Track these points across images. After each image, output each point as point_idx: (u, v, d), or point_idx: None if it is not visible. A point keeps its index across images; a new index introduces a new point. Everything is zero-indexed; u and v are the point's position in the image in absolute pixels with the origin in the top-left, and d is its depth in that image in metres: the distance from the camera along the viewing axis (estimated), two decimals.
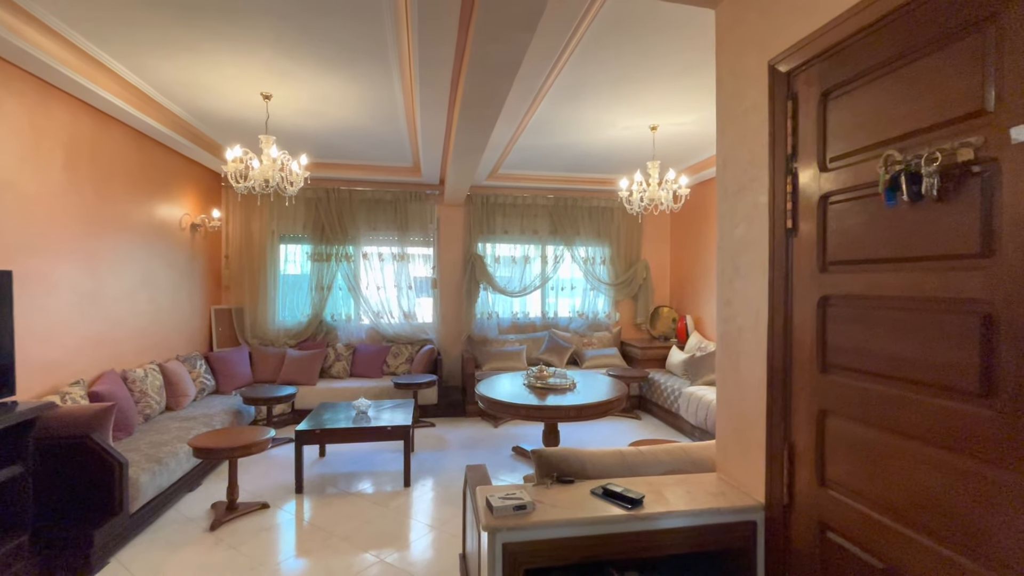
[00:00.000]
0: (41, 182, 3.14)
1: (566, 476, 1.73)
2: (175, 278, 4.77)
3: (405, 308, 6.09)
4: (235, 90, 3.54)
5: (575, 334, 6.36)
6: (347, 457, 4.29)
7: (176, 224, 4.78)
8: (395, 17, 2.58)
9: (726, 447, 1.76)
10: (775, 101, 1.49)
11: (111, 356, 3.81)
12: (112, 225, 3.82)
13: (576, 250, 6.43)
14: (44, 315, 3.14)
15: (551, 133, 4.47)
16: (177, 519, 3.19)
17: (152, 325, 4.38)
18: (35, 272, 3.08)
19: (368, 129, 4.39)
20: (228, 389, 4.95)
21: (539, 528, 1.44)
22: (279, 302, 5.87)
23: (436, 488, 3.68)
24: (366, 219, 5.98)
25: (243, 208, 5.71)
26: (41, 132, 3.12)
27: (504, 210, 6.29)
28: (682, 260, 6.53)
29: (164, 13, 2.59)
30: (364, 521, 3.17)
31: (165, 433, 3.60)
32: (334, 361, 5.66)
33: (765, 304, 1.54)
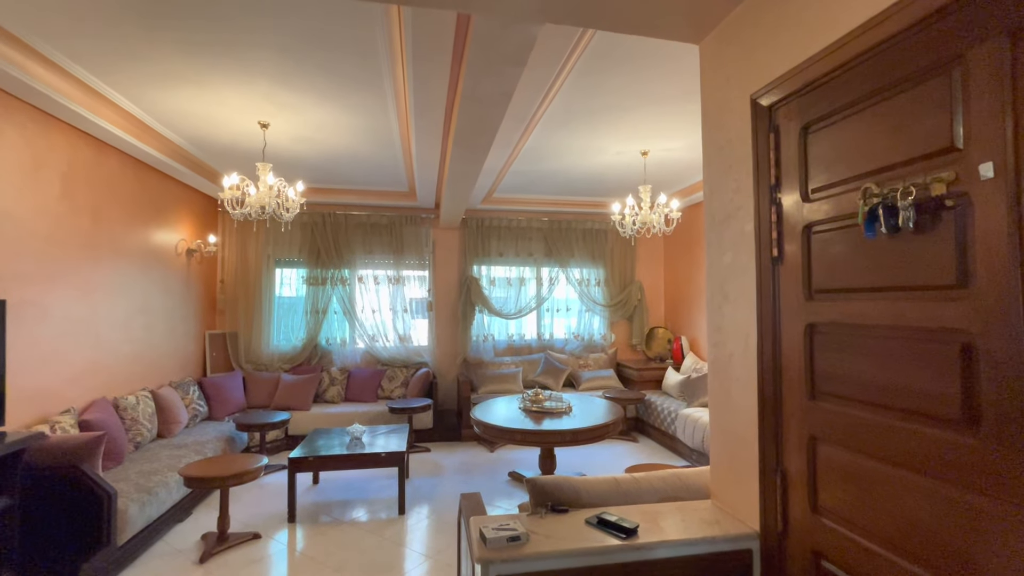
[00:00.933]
0: (38, 211, 3.16)
1: (560, 505, 1.72)
2: (170, 304, 4.77)
3: (400, 331, 6.08)
4: (233, 119, 3.60)
5: (571, 356, 6.36)
6: (341, 484, 4.23)
7: (172, 250, 4.79)
8: (390, 50, 2.66)
9: (720, 473, 1.76)
10: (758, 133, 1.54)
11: (103, 383, 3.78)
12: (108, 251, 3.83)
13: (571, 272, 6.47)
14: (36, 344, 3.13)
15: (544, 159, 4.55)
16: (166, 551, 3.12)
17: (146, 351, 4.36)
18: (29, 300, 3.08)
19: (364, 155, 4.46)
20: (221, 415, 4.90)
21: (533, 560, 1.43)
22: (274, 326, 5.85)
23: (431, 515, 3.62)
24: (362, 243, 6.02)
25: (239, 233, 5.74)
26: (40, 162, 3.16)
27: (499, 233, 6.35)
28: (675, 281, 6.58)
29: (166, 47, 2.65)
30: (358, 551, 3.11)
31: (156, 462, 3.55)
32: (328, 385, 5.62)
33: (754, 330, 1.57)
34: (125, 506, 2.88)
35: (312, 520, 3.56)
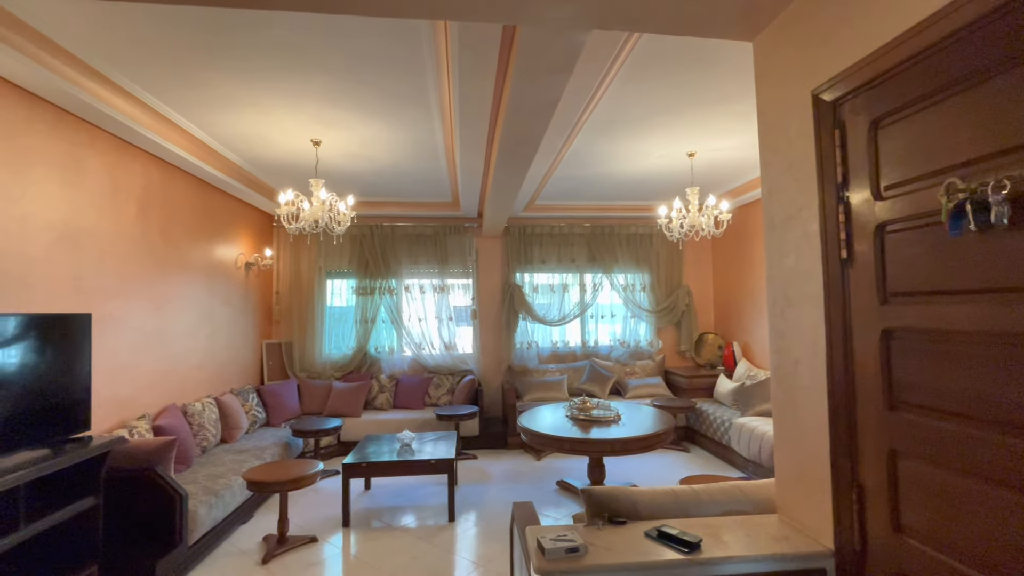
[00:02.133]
0: (117, 231, 3.41)
1: (618, 517, 1.68)
2: (231, 315, 5.03)
3: (445, 339, 6.16)
4: (287, 138, 3.78)
5: (617, 363, 6.25)
6: (392, 490, 4.31)
7: (232, 264, 5.06)
8: (436, 65, 2.72)
9: (787, 487, 1.67)
10: (821, 130, 1.47)
11: (172, 390, 4.02)
12: (176, 267, 4.09)
13: (615, 277, 6.38)
14: (115, 354, 3.37)
15: (587, 165, 4.52)
16: (231, 551, 3.27)
17: (209, 360, 4.61)
18: (109, 314, 3.32)
19: (409, 168, 4.58)
20: (278, 421, 5.11)
21: (592, 572, 1.40)
22: (326, 336, 6.07)
23: (480, 523, 3.63)
24: (407, 253, 6.16)
25: (292, 246, 6.00)
26: (118, 185, 3.42)
27: (541, 240, 6.34)
28: (726, 285, 6.36)
29: (229, 74, 2.82)
30: (410, 557, 3.16)
31: (220, 465, 3.73)
32: (378, 393, 5.76)
33: (822, 336, 1.49)
34: (195, 507, 3.04)
35: (365, 525, 3.64)
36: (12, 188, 2.62)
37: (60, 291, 2.93)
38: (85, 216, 3.12)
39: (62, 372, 2.52)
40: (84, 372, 2.66)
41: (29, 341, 2.35)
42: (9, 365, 2.25)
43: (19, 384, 2.29)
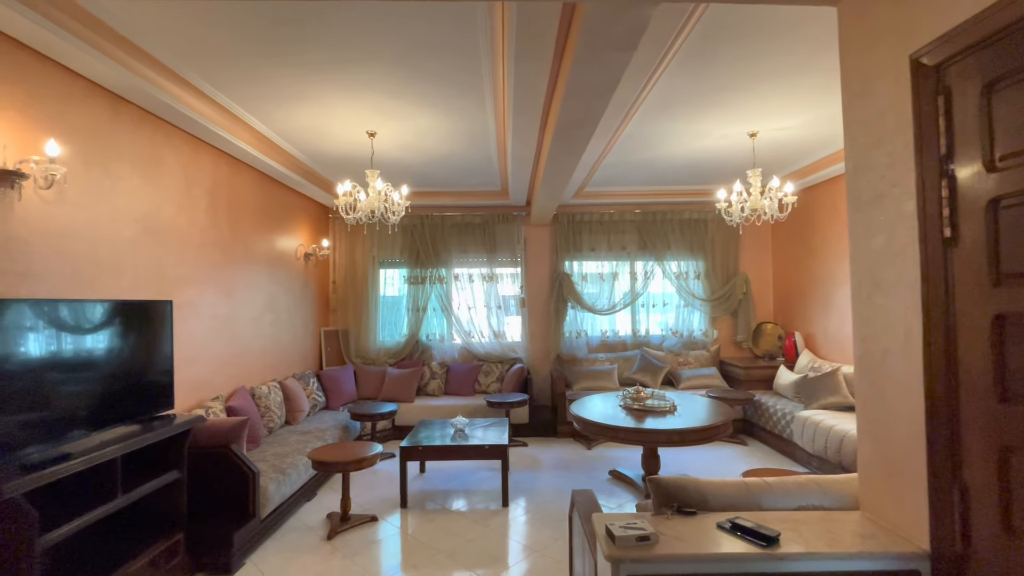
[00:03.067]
0: (191, 223, 3.62)
1: (686, 507, 1.64)
2: (291, 303, 5.26)
3: (495, 327, 6.21)
4: (345, 130, 3.88)
5: (669, 353, 6.10)
6: (445, 473, 4.41)
7: (292, 254, 5.28)
8: (491, 50, 2.70)
9: (872, 484, 1.57)
10: (921, 98, 1.35)
11: (241, 374, 4.26)
12: (242, 257, 4.31)
13: (667, 265, 6.21)
14: (191, 339, 3.59)
15: (640, 148, 4.39)
16: (298, 527, 3.44)
17: (273, 346, 4.85)
18: (186, 301, 3.54)
19: (460, 157, 4.60)
20: (336, 405, 5.32)
21: (664, 562, 1.37)
22: (379, 323, 6.25)
23: (533, 510, 3.65)
24: (457, 242, 6.23)
25: (348, 237, 6.19)
26: (191, 180, 3.62)
27: (591, 227, 6.25)
28: (787, 272, 6.05)
29: (291, 69, 2.91)
30: (466, 539, 3.22)
31: (286, 445, 3.93)
32: (429, 379, 5.89)
33: (918, 322, 1.38)
34: (266, 484, 3.22)
35: (421, 507, 3.74)
36: (103, 184, 2.82)
37: (145, 279, 3.14)
38: (163, 210, 3.33)
39: (149, 354, 2.72)
40: (167, 354, 2.85)
41: (122, 325, 2.54)
42: (105, 347, 2.44)
43: (114, 364, 2.48)
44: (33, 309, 2.09)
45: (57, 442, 2.12)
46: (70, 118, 2.61)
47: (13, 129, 2.30)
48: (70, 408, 2.22)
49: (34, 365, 2.07)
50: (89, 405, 2.32)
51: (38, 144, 2.40)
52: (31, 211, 2.40)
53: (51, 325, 2.16)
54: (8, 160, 2.25)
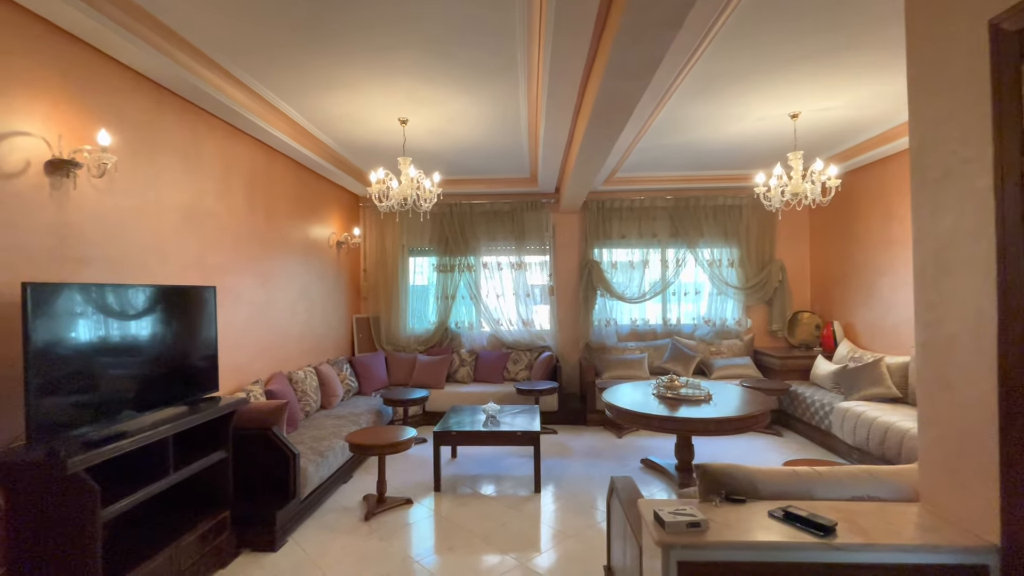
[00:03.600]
0: (230, 211, 3.70)
1: (735, 494, 1.61)
2: (325, 290, 5.35)
3: (523, 315, 6.20)
4: (377, 118, 3.89)
5: (701, 342, 5.99)
6: (476, 459, 4.45)
7: (325, 242, 5.37)
8: (527, 31, 2.65)
9: (935, 475, 1.51)
10: (1001, 66, 1.26)
11: (278, 359, 4.37)
12: (278, 245, 4.40)
13: (700, 252, 6.07)
14: (232, 324, 3.69)
15: (675, 132, 4.28)
16: (335, 507, 3.53)
17: (308, 332, 4.95)
18: (227, 288, 3.64)
19: (490, 144, 4.57)
20: (369, 390, 5.42)
21: (717, 548, 1.35)
22: (409, 311, 6.31)
23: (565, 496, 3.66)
24: (485, 230, 6.22)
25: (378, 225, 6.25)
26: (230, 169, 3.69)
27: (621, 214, 6.15)
28: (825, 260, 5.86)
29: (326, 57, 2.93)
30: (500, 523, 3.25)
31: (323, 429, 4.02)
32: (459, 366, 5.93)
33: (991, 306, 1.30)
34: (305, 465, 3.30)
35: (454, 491, 3.78)
36: (148, 173, 2.90)
37: (188, 266, 3.24)
38: (204, 198, 3.41)
39: (195, 337, 2.80)
40: (212, 338, 2.94)
41: (170, 310, 2.62)
42: (156, 330, 2.52)
43: (163, 347, 2.56)
44: (93, 293, 2.17)
45: (111, 422, 2.21)
46: (118, 109, 2.68)
47: (67, 120, 2.38)
48: (122, 389, 2.31)
49: (91, 348, 2.15)
50: (140, 387, 2.41)
51: (90, 134, 2.48)
52: (85, 200, 2.48)
53: (106, 309, 2.24)
54: (64, 150, 2.33)
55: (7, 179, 2.12)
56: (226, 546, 2.79)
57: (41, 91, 2.27)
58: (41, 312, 1.92)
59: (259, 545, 2.93)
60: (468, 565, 2.77)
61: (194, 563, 2.54)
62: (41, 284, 1.93)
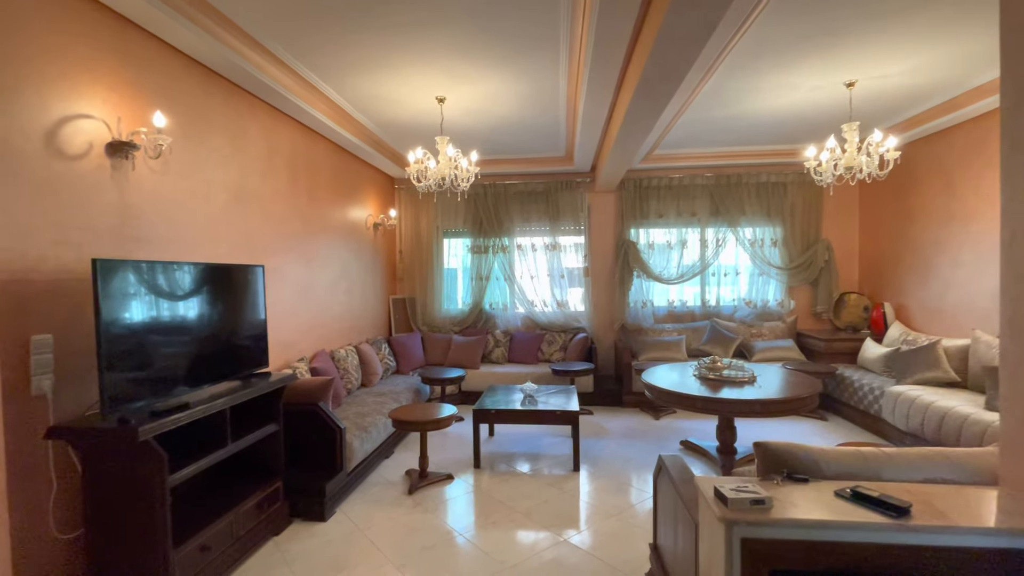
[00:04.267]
0: (274, 192, 3.78)
1: (797, 473, 1.56)
2: (363, 271, 5.44)
3: (558, 296, 6.17)
4: (415, 97, 3.87)
5: (741, 324, 5.84)
6: (514, 438, 4.49)
7: (363, 224, 5.43)
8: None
9: (1018, 457, 1.43)
10: None
11: (321, 338, 4.48)
12: (319, 226, 4.47)
13: (741, 232, 5.88)
14: (279, 303, 3.80)
15: (721, 104, 4.12)
16: (379, 481, 3.63)
17: (348, 312, 5.06)
18: (273, 268, 3.73)
19: (527, 121, 4.51)
20: (407, 369, 5.52)
21: (784, 527, 1.31)
22: (444, 292, 6.37)
23: (604, 476, 3.65)
24: (520, 211, 6.18)
25: (413, 207, 6.29)
26: (273, 151, 3.76)
27: (659, 193, 6.00)
28: (877, 238, 5.59)
29: (365, 34, 2.92)
30: (542, 500, 3.28)
31: (365, 406, 4.12)
32: (494, 347, 5.97)
33: None
34: (350, 440, 3.40)
35: (493, 468, 3.83)
36: (199, 154, 2.98)
37: (237, 246, 3.33)
38: (250, 179, 3.48)
39: (246, 315, 2.89)
40: (261, 316, 3.03)
41: (223, 287, 2.71)
42: (210, 308, 2.61)
43: (216, 324, 2.65)
44: (154, 270, 2.25)
45: (170, 396, 2.30)
46: (170, 92, 2.75)
47: (125, 103, 2.45)
48: (180, 364, 2.40)
49: (152, 322, 2.24)
50: (196, 362, 2.50)
51: (146, 117, 2.55)
52: (143, 181, 2.57)
53: (165, 286, 2.33)
54: (123, 132, 2.41)
55: (73, 161, 2.21)
56: (280, 515, 2.91)
57: (101, 75, 2.33)
58: (109, 287, 2.00)
59: (310, 515, 3.04)
60: (511, 539, 2.81)
61: (251, 529, 2.65)
62: (109, 260, 2.01)
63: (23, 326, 2.00)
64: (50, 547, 2.10)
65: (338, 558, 2.64)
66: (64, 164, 2.17)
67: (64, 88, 2.16)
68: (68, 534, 2.16)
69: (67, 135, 2.18)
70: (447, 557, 2.64)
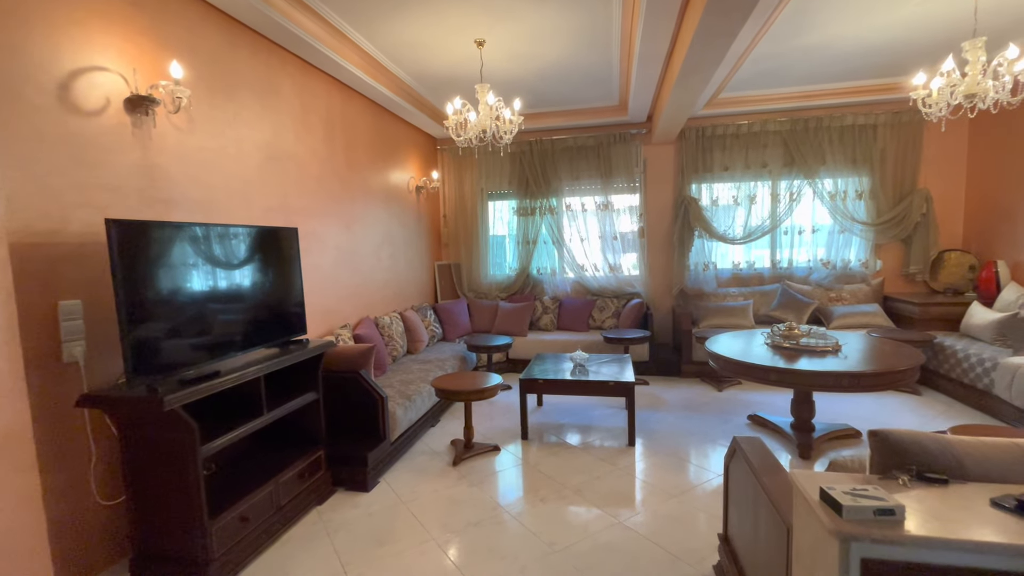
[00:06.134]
0: (310, 153, 3.61)
1: (930, 472, 1.21)
2: (407, 236, 5.28)
3: (610, 260, 5.78)
4: (451, 40, 3.54)
5: (817, 287, 5.25)
6: (563, 408, 4.26)
7: (405, 187, 5.23)
8: None
9: None
10: None
11: (364, 304, 4.38)
12: (360, 189, 4.30)
13: (820, 183, 5.21)
14: (319, 268, 3.68)
15: (802, 31, 3.51)
16: (424, 451, 3.52)
17: (392, 278, 4.93)
18: (311, 232, 3.60)
19: (576, 65, 4.07)
20: (452, 337, 5.38)
21: (928, 547, 0.98)
22: (490, 257, 6.13)
23: (662, 452, 3.36)
24: (568, 168, 5.77)
25: (456, 169, 6.02)
26: (307, 109, 3.57)
27: (723, 142, 5.39)
28: (990, 186, 4.78)
29: None
30: (594, 476, 3.04)
31: (410, 373, 4.00)
32: (542, 314, 5.71)
33: None
34: (394, 409, 3.28)
35: (541, 440, 3.63)
36: (227, 111, 2.82)
37: (272, 209, 3.20)
38: (284, 139, 3.32)
39: (280, 279, 2.76)
40: (298, 281, 2.89)
41: (258, 250, 2.57)
42: (241, 271, 2.48)
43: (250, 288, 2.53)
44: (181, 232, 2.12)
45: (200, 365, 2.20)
46: (190, 43, 2.57)
47: (141, 53, 2.29)
48: (210, 330, 2.30)
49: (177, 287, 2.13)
50: (229, 328, 2.39)
51: (163, 68, 2.39)
52: (167, 140, 2.43)
53: (192, 248, 2.20)
54: (140, 85, 2.26)
55: (90, 117, 2.08)
56: (322, 484, 2.84)
57: (114, 23, 2.17)
58: (128, 250, 1.88)
59: (353, 485, 2.97)
60: (561, 518, 2.60)
61: (293, 499, 2.59)
62: (125, 221, 1.87)
63: (50, 291, 1.93)
64: (94, 513, 2.08)
65: (380, 532, 2.53)
66: (81, 120, 2.04)
67: (76, 35, 2.01)
68: (111, 500, 2.15)
69: (82, 89, 2.04)
70: (492, 535, 2.47)
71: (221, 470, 2.53)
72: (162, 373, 1.99)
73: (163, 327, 2.01)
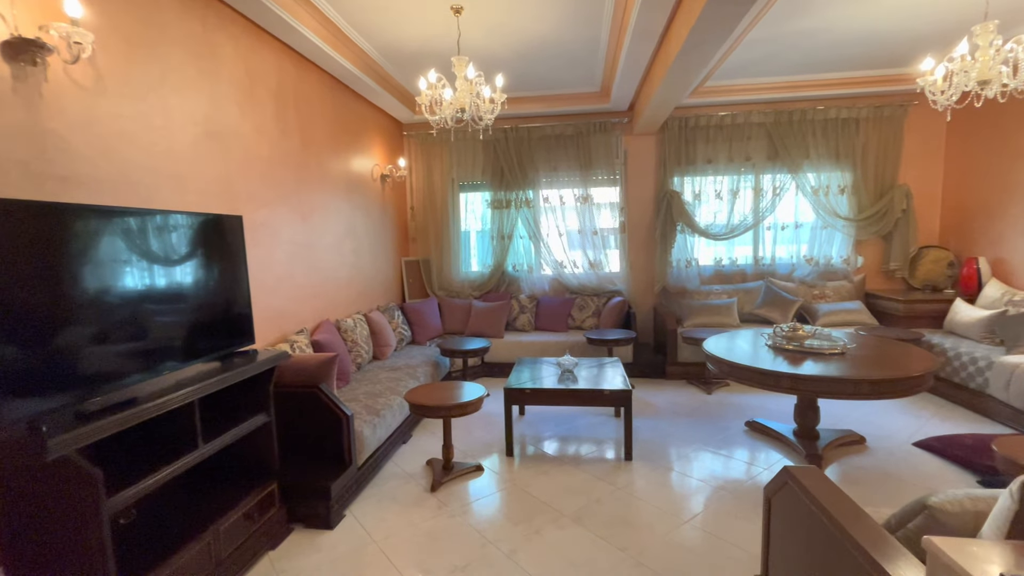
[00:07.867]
0: (258, 131, 3.09)
1: None
2: (371, 229, 4.78)
3: (590, 256, 5.47)
4: (426, 8, 3.11)
5: (801, 284, 5.13)
6: (548, 417, 3.92)
7: (368, 175, 4.74)
8: None
9: None
10: None
11: (324, 306, 3.88)
12: (317, 175, 3.79)
13: (804, 178, 5.08)
14: (269, 265, 3.17)
15: (802, 13, 3.28)
16: (396, 473, 3.08)
17: (356, 276, 4.43)
18: (261, 222, 3.09)
19: (560, 41, 3.71)
20: (423, 339, 4.93)
21: None
22: (461, 252, 5.71)
23: (661, 466, 3.07)
24: (545, 158, 5.41)
25: (424, 157, 5.56)
26: (255, 78, 3.04)
27: (707, 134, 5.18)
28: (967, 182, 4.76)
29: None
30: (592, 499, 2.70)
31: (377, 384, 3.55)
32: (519, 313, 5.35)
33: None
34: (360, 428, 2.83)
35: (528, 455, 3.27)
36: (150, 71, 2.28)
37: (212, 194, 2.67)
38: (226, 112, 2.79)
39: (222, 278, 2.26)
40: (244, 279, 2.40)
41: (191, 242, 2.07)
42: (174, 268, 1.98)
43: (182, 288, 2.03)
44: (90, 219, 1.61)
45: (111, 388, 1.71)
46: None
47: None
48: (136, 343, 1.80)
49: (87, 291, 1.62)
50: (149, 340, 1.90)
51: (56, 5, 1.85)
52: (66, 100, 1.90)
53: (109, 240, 1.69)
54: (22, 25, 1.72)
55: None
56: (276, 524, 2.37)
57: None
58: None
59: (313, 521, 2.51)
60: (561, 554, 2.24)
61: (238, 547, 2.11)
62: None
63: None
64: None
65: None
66: None
67: None
68: None
69: None
70: None
71: (144, 516, 2.03)
72: (55, 401, 1.49)
73: (57, 341, 1.51)
